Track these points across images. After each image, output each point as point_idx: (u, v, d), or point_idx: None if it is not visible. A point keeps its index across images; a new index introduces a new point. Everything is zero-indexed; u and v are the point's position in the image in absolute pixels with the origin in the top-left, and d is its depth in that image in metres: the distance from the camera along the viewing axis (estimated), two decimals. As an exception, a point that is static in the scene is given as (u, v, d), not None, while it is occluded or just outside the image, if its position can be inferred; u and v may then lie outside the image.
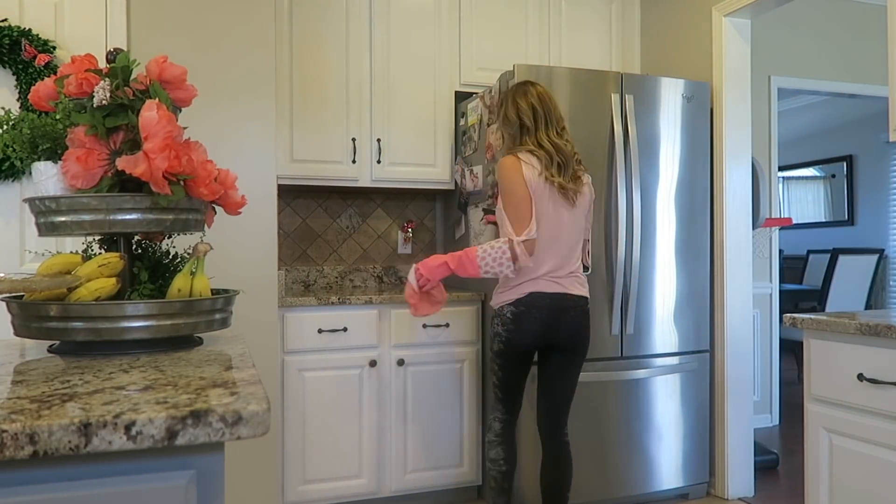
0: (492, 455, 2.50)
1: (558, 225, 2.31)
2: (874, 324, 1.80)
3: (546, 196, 2.28)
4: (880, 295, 5.95)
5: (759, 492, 3.22)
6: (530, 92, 2.38)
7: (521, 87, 2.41)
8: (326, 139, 3.14)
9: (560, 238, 2.32)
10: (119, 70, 1.34)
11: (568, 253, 2.36)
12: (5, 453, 0.71)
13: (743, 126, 3.19)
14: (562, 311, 2.34)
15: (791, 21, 4.34)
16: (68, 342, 1.29)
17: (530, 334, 2.34)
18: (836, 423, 1.94)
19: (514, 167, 2.28)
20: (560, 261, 2.33)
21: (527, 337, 2.34)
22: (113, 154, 1.31)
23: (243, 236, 2.54)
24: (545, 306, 2.32)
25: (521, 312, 2.32)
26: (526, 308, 2.31)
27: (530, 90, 2.39)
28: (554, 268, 2.32)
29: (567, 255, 2.35)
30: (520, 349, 2.38)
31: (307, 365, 2.82)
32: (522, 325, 2.33)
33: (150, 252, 1.46)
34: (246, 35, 2.61)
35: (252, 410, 0.80)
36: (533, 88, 2.39)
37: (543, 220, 2.28)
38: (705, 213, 3.13)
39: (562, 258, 2.34)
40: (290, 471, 2.80)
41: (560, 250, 2.33)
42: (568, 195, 2.31)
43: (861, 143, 6.55)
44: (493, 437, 2.50)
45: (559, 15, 3.56)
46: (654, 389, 3.01)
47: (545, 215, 2.28)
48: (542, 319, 2.32)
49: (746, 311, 3.19)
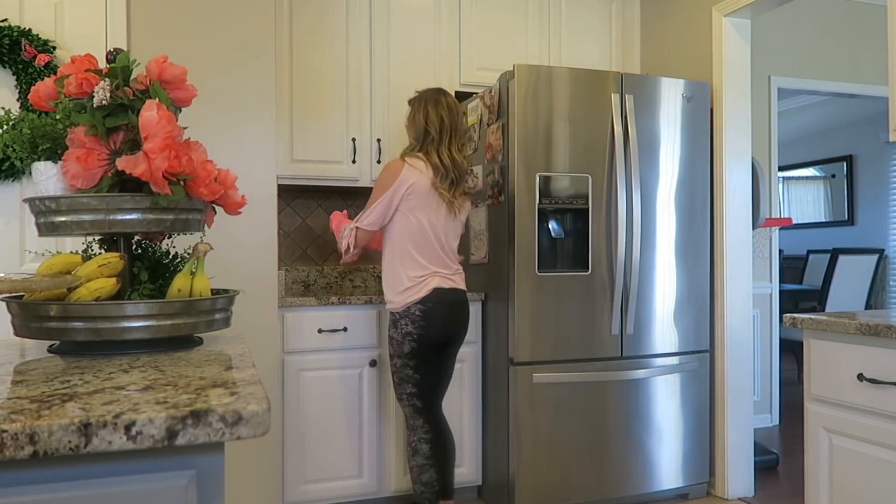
0: (425, 479, 2.57)
1: (444, 230, 2.53)
2: (874, 324, 1.80)
3: (433, 202, 2.49)
4: (880, 295, 5.95)
5: (759, 492, 3.22)
6: (442, 102, 2.55)
7: (434, 96, 2.58)
8: (326, 139, 3.14)
9: (444, 242, 2.54)
10: (119, 70, 1.34)
11: (451, 254, 2.58)
12: (5, 453, 0.71)
13: (743, 126, 3.19)
14: (456, 304, 2.56)
15: (791, 21, 4.34)
16: (68, 342, 1.29)
17: (438, 328, 2.50)
18: (836, 423, 1.94)
19: (394, 170, 2.49)
20: (446, 261, 2.55)
21: (436, 331, 2.50)
22: (113, 154, 1.31)
23: (243, 236, 2.54)
24: (447, 301, 2.52)
25: (429, 309, 2.47)
26: (433, 304, 2.48)
27: (442, 100, 2.56)
28: (443, 266, 2.53)
29: (451, 256, 2.58)
30: (432, 344, 2.51)
31: (307, 365, 2.82)
32: (432, 319, 2.48)
33: (150, 252, 1.46)
34: (246, 35, 2.61)
35: (252, 410, 0.80)
36: (445, 99, 2.56)
37: (427, 223, 2.49)
38: (705, 213, 3.13)
39: (447, 258, 2.56)
40: (290, 471, 2.79)
41: (445, 252, 2.54)
42: (453, 208, 2.52)
43: (861, 143, 6.55)
44: (424, 460, 2.56)
45: (559, 15, 3.56)
46: (653, 389, 3.01)
47: (429, 219, 2.49)
48: (445, 314, 2.51)
49: (746, 311, 3.19)
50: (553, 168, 2.86)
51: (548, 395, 2.84)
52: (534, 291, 2.83)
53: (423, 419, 2.56)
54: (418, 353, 2.49)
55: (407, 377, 2.52)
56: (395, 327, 2.51)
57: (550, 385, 2.84)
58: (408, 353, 2.49)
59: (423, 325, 2.47)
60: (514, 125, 2.81)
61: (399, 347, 2.50)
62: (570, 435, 2.88)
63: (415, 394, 2.53)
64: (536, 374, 2.82)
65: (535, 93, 2.83)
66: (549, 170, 2.85)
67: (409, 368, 2.51)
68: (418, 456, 2.56)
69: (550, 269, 2.87)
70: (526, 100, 2.82)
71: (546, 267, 2.85)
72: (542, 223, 2.85)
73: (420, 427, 2.56)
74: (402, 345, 2.49)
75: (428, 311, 2.47)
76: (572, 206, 2.89)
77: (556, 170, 2.86)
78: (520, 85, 2.81)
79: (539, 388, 2.83)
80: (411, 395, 2.54)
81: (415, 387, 2.52)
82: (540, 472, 2.83)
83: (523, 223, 2.82)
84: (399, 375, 2.54)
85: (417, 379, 2.52)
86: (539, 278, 2.83)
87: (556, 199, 2.86)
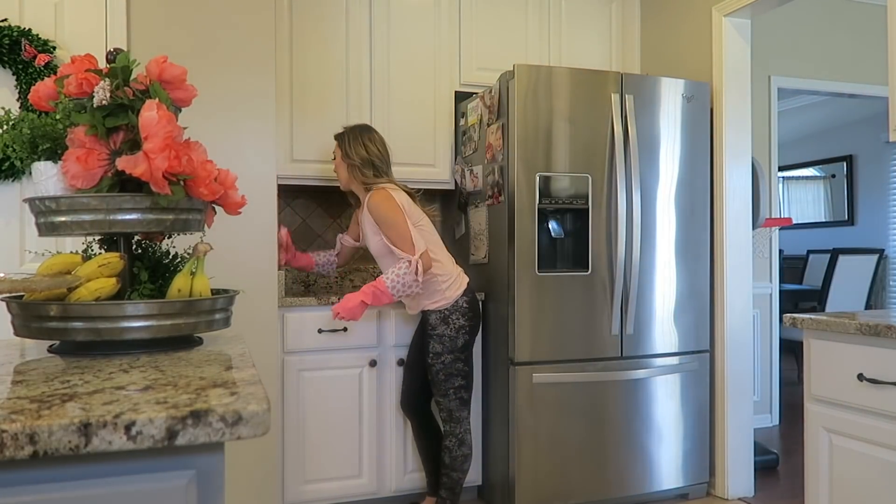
0: (466, 467, 2.72)
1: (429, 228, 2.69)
2: (874, 324, 1.80)
3: (419, 214, 2.66)
4: (880, 295, 5.95)
5: (759, 492, 3.22)
6: (375, 138, 2.76)
7: (367, 132, 2.77)
8: (327, 139, 3.13)
9: (436, 238, 2.71)
10: (119, 70, 1.34)
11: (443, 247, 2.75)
12: (5, 453, 0.71)
13: (743, 126, 3.19)
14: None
15: (791, 21, 4.34)
16: (68, 342, 1.29)
17: (481, 317, 2.75)
18: (836, 423, 1.94)
19: (388, 198, 2.60)
20: (449, 257, 2.75)
21: (479, 321, 2.73)
22: (113, 154, 1.31)
23: (243, 236, 2.54)
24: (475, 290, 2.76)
25: (472, 299, 2.69)
26: (472, 294, 2.70)
27: (374, 136, 2.76)
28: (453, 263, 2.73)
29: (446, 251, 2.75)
30: (477, 333, 2.73)
31: (307, 365, 2.82)
32: (476, 310, 2.71)
33: (150, 252, 1.46)
34: (246, 35, 2.61)
35: (252, 410, 0.80)
36: (376, 135, 2.78)
37: (427, 232, 2.65)
38: (705, 213, 3.13)
39: (448, 255, 2.75)
40: (290, 471, 2.79)
41: (442, 248, 2.72)
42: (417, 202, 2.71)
43: (861, 143, 6.55)
44: (468, 450, 2.72)
45: (559, 15, 3.56)
46: (654, 389, 3.01)
47: (419, 222, 2.63)
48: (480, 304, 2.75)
49: (746, 311, 3.19)
50: (553, 168, 2.86)
51: (548, 395, 2.84)
52: (534, 291, 2.83)
53: (467, 411, 2.71)
54: (469, 344, 2.67)
55: (457, 371, 2.65)
56: (447, 323, 2.62)
57: (550, 385, 2.84)
58: (461, 346, 2.64)
59: (471, 315, 2.66)
60: (514, 125, 2.82)
61: (452, 343, 2.62)
62: (571, 435, 2.88)
63: (463, 386, 2.68)
64: (536, 374, 2.82)
65: (535, 93, 2.83)
66: (549, 170, 2.85)
67: (460, 362, 2.65)
68: (464, 447, 2.70)
69: (550, 269, 2.87)
70: (526, 100, 2.82)
71: (546, 267, 2.85)
72: (542, 223, 2.85)
73: (465, 419, 2.70)
74: (455, 340, 2.62)
75: (472, 302, 2.68)
76: (572, 206, 2.89)
77: (556, 170, 2.86)
78: (520, 85, 2.81)
79: (539, 388, 2.83)
80: (459, 389, 2.67)
81: (464, 379, 2.67)
82: (540, 472, 2.83)
83: (523, 223, 2.82)
84: (448, 371, 2.65)
85: (466, 371, 2.67)
86: (539, 278, 2.83)
87: (556, 199, 2.86)
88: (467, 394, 2.69)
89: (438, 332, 2.62)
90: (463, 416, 2.68)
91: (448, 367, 2.63)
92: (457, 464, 2.70)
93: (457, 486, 2.72)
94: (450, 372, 2.64)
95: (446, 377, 2.64)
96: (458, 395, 2.66)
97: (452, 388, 2.65)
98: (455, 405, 2.67)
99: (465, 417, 2.69)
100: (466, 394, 2.68)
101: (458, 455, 2.69)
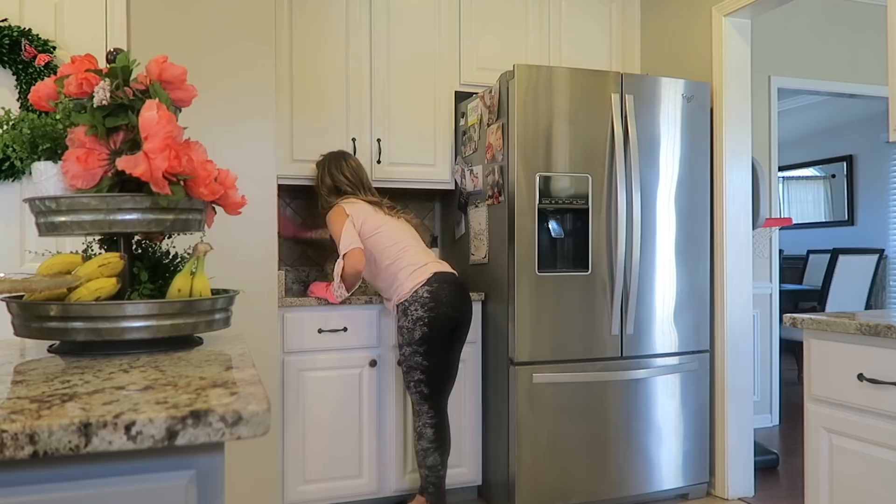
0: (429, 462, 2.69)
1: (394, 230, 2.74)
2: (874, 324, 1.80)
3: (372, 213, 2.73)
4: (880, 295, 5.95)
5: (759, 492, 3.22)
6: (344, 166, 2.87)
7: (336, 160, 2.89)
8: (326, 139, 3.14)
9: (402, 237, 2.74)
10: (119, 70, 1.34)
11: (417, 245, 2.77)
12: (5, 453, 0.71)
13: (743, 126, 3.19)
14: (457, 283, 2.70)
15: (791, 21, 4.34)
16: (68, 342, 1.29)
17: (446, 308, 2.62)
18: (836, 423, 1.94)
19: (338, 213, 2.72)
20: (418, 252, 2.73)
21: (445, 311, 2.62)
22: (113, 154, 1.31)
23: (243, 236, 2.54)
24: (450, 280, 2.68)
25: (435, 289, 2.62)
26: (438, 284, 2.63)
27: (343, 164, 2.87)
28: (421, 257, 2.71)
29: (419, 248, 2.76)
30: (444, 325, 2.63)
31: (307, 365, 2.82)
32: (440, 299, 2.62)
33: (150, 252, 1.46)
34: (246, 35, 2.61)
35: (252, 410, 0.80)
36: (346, 162, 2.88)
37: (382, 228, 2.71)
38: (705, 213, 3.13)
39: (419, 251, 2.74)
40: (290, 471, 2.79)
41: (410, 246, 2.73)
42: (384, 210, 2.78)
43: (861, 143, 6.55)
44: (428, 444, 2.69)
45: (559, 15, 3.56)
46: (654, 389, 3.01)
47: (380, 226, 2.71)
48: (451, 293, 2.64)
49: (746, 311, 3.19)
50: (553, 168, 2.86)
51: (548, 395, 2.84)
52: (534, 291, 2.83)
53: (428, 405, 2.68)
54: (429, 337, 2.61)
55: (416, 364, 2.64)
56: (406, 315, 2.62)
57: (550, 385, 2.84)
58: (419, 339, 2.61)
59: (433, 305, 2.60)
60: (514, 125, 2.82)
61: (410, 335, 2.61)
62: (571, 435, 2.88)
63: (422, 380, 2.65)
64: (536, 374, 2.82)
65: (535, 93, 2.83)
66: (549, 170, 2.85)
67: (418, 355, 2.63)
68: (423, 440, 2.69)
69: (550, 269, 2.87)
70: (526, 100, 2.82)
71: (546, 267, 2.85)
72: (542, 223, 2.85)
73: (425, 413, 2.68)
74: (412, 331, 2.61)
75: (435, 292, 2.61)
76: (572, 206, 2.89)
77: (556, 170, 2.86)
78: (520, 85, 2.82)
79: (539, 388, 2.83)
80: (419, 382, 2.65)
81: (423, 374, 2.64)
82: (540, 471, 2.84)
83: (523, 223, 2.82)
84: (408, 363, 2.65)
85: (426, 366, 2.63)
86: (539, 278, 2.83)
87: (556, 199, 2.86)
88: (427, 389, 2.66)
89: (399, 324, 2.66)
90: (422, 409, 2.68)
91: (408, 360, 2.65)
92: (419, 458, 2.71)
93: (428, 484, 2.71)
94: (410, 364, 2.65)
95: (407, 369, 2.66)
96: (418, 388, 2.66)
97: (413, 381, 2.66)
98: (415, 398, 2.69)
99: (424, 411, 2.68)
100: (427, 388, 2.66)
101: (419, 449, 2.70)
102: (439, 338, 2.64)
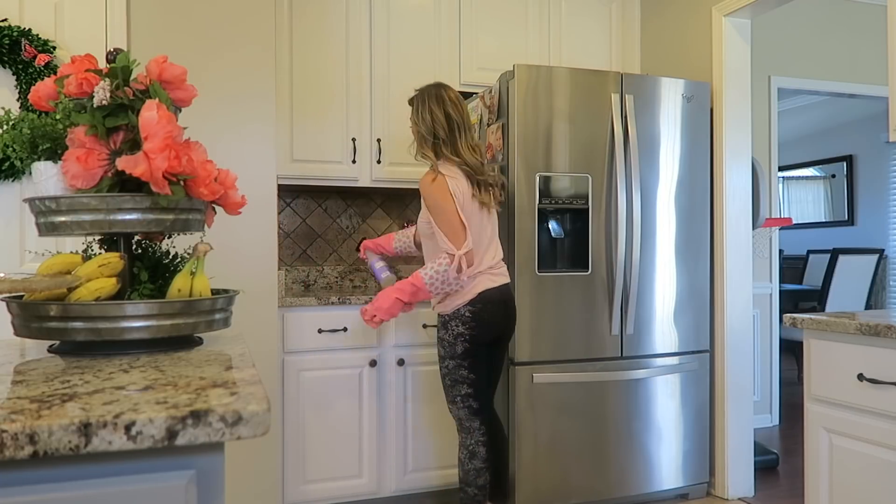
0: (481, 482, 2.49)
1: (481, 230, 2.47)
2: (874, 324, 1.80)
3: (471, 207, 2.43)
4: (880, 295, 5.95)
5: (759, 492, 3.22)
6: (444, 98, 2.46)
7: (436, 91, 2.49)
8: (326, 139, 3.14)
9: (483, 240, 2.48)
10: (119, 70, 1.34)
11: (492, 250, 2.52)
12: (5, 453, 0.71)
13: (743, 126, 3.19)
14: (503, 303, 2.51)
15: (791, 21, 4.34)
16: (68, 342, 1.29)
17: (490, 327, 2.47)
18: (836, 423, 1.94)
19: (441, 184, 2.38)
20: (489, 258, 2.50)
21: (486, 331, 2.46)
22: (113, 154, 1.31)
23: (243, 236, 2.54)
24: (495, 300, 2.47)
25: (478, 310, 2.43)
26: (482, 305, 2.44)
27: (444, 96, 2.47)
28: (489, 265, 2.48)
29: (492, 252, 2.52)
30: (484, 343, 2.47)
31: (307, 365, 2.82)
32: (483, 319, 2.44)
33: (150, 252, 1.46)
34: (246, 35, 2.61)
35: (252, 410, 0.80)
36: (447, 94, 2.48)
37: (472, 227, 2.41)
38: (705, 213, 3.13)
39: (490, 256, 2.50)
40: (290, 471, 2.79)
41: (487, 250, 2.50)
42: (483, 206, 2.48)
43: (861, 143, 6.55)
44: (481, 464, 2.48)
45: (559, 15, 3.56)
46: (654, 389, 3.01)
47: (473, 224, 2.43)
48: (494, 313, 2.47)
49: (746, 311, 3.19)
50: (553, 168, 2.86)
51: (548, 395, 2.84)
52: (534, 291, 2.83)
53: (480, 420, 2.49)
54: (472, 352, 2.44)
55: (462, 378, 2.45)
56: (446, 329, 2.45)
57: (550, 385, 2.84)
58: (461, 353, 2.43)
59: (474, 325, 2.42)
60: (514, 125, 2.82)
61: (451, 349, 2.44)
62: (571, 435, 2.88)
63: (470, 394, 2.46)
64: (536, 374, 2.82)
65: (535, 93, 2.83)
66: (549, 170, 2.85)
67: (463, 369, 2.44)
68: (476, 459, 2.48)
69: (550, 269, 2.87)
70: (526, 100, 2.82)
71: (546, 267, 2.85)
72: (542, 223, 2.85)
73: (477, 429, 2.48)
74: (454, 346, 2.43)
75: (478, 313, 2.42)
76: (572, 206, 2.89)
77: (556, 170, 2.86)
78: (520, 85, 2.81)
79: (539, 388, 2.83)
80: (467, 397, 2.46)
81: (470, 387, 2.45)
82: (540, 471, 2.84)
83: (523, 223, 2.82)
84: (452, 377, 2.46)
85: (473, 379, 2.45)
86: (539, 278, 2.83)
87: (556, 199, 2.86)
88: (476, 402, 2.46)
89: (440, 335, 2.49)
90: (473, 426, 2.48)
91: (452, 374, 2.46)
92: (469, 478, 2.48)
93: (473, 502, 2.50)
94: (454, 378, 2.46)
95: (452, 383, 2.47)
96: (466, 402, 2.46)
97: (460, 395, 2.46)
98: (464, 414, 2.47)
99: (475, 428, 2.48)
100: (476, 402, 2.46)
101: (470, 469, 2.48)
102: (481, 351, 2.47)
